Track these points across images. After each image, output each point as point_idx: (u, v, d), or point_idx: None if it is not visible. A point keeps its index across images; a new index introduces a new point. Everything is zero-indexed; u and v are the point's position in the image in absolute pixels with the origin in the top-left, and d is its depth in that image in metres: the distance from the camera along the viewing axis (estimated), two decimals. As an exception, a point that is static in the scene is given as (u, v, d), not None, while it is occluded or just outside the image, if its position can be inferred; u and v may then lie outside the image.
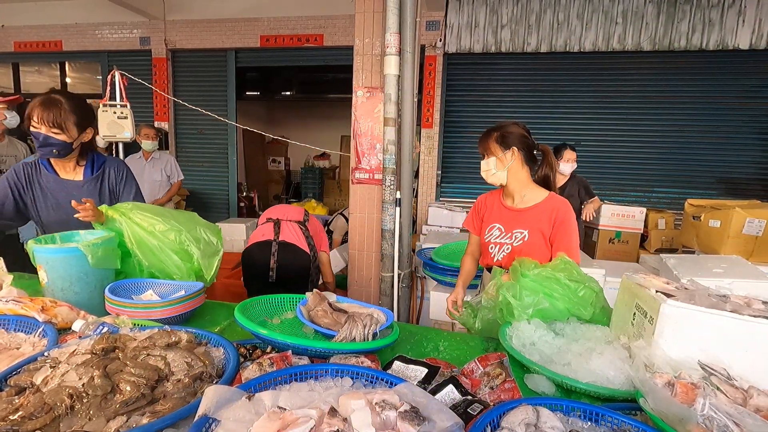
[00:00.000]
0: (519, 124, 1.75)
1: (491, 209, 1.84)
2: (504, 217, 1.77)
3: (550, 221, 1.67)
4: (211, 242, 1.68)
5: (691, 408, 0.77)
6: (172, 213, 1.68)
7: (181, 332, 1.05)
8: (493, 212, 1.82)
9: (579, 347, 1.14)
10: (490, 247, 1.78)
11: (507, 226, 1.74)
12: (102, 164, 1.87)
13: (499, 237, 1.76)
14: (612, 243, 4.11)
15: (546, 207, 1.70)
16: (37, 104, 1.65)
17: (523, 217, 1.72)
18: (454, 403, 0.91)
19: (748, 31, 4.48)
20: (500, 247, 1.75)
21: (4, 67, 6.87)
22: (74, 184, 1.80)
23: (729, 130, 4.73)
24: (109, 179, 1.88)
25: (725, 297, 1.05)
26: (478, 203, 1.91)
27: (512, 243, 1.72)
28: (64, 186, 1.79)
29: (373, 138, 2.88)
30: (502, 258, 1.74)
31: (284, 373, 0.89)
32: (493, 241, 1.77)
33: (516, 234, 1.71)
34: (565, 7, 4.83)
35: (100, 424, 0.76)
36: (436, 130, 5.29)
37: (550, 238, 1.68)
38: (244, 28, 5.72)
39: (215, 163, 6.31)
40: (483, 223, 1.85)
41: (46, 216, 1.79)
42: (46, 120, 1.64)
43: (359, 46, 2.84)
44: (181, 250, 1.59)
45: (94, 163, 1.86)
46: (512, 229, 1.72)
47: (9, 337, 1.15)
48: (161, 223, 1.58)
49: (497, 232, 1.77)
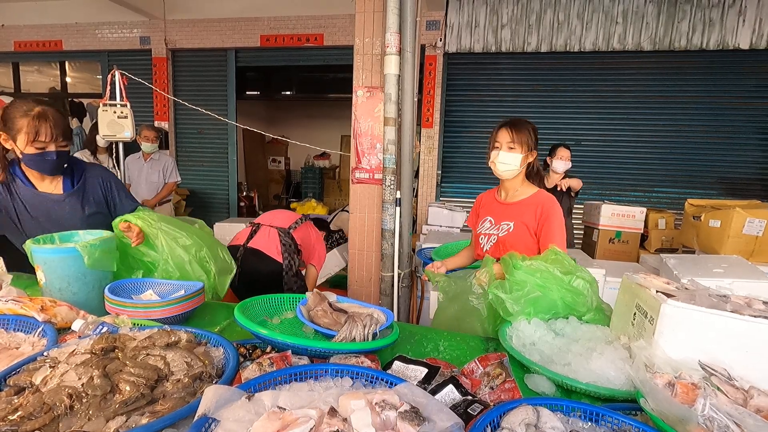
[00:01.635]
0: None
1: (486, 205, 1.93)
2: (495, 210, 1.86)
3: (535, 215, 1.74)
4: (225, 260, 1.74)
5: (692, 408, 0.77)
6: (193, 228, 1.73)
7: (180, 332, 1.05)
8: (487, 207, 1.91)
9: (579, 347, 1.14)
10: (480, 238, 1.87)
11: (497, 219, 1.83)
12: (83, 173, 1.73)
13: (489, 228, 1.84)
14: (612, 243, 4.10)
15: (531, 202, 1.78)
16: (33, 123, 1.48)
17: (511, 210, 1.80)
18: (454, 403, 0.91)
19: (749, 30, 4.48)
20: (488, 238, 1.83)
21: (4, 67, 6.88)
22: (54, 198, 1.66)
23: (729, 129, 4.73)
24: (94, 191, 1.74)
25: (726, 297, 1.04)
26: (477, 201, 2.00)
27: (498, 234, 1.80)
28: (42, 200, 1.65)
29: (373, 138, 2.88)
30: (490, 248, 1.82)
31: (284, 373, 0.89)
32: (484, 233, 1.86)
33: (503, 225, 1.79)
34: (566, 6, 4.83)
35: (100, 424, 0.75)
36: (436, 130, 5.29)
37: (535, 232, 1.74)
38: (245, 28, 5.72)
39: (215, 163, 6.31)
40: (478, 218, 1.94)
41: (30, 229, 1.66)
42: (58, 134, 1.54)
43: (359, 45, 2.84)
44: (201, 266, 1.65)
45: (74, 173, 1.71)
46: (500, 221, 1.81)
47: (8, 336, 1.14)
48: (186, 238, 1.65)
49: (488, 224, 1.86)
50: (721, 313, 0.94)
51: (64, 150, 1.59)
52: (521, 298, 1.31)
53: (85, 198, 1.72)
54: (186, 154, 6.34)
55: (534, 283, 1.32)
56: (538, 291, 1.31)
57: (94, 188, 1.75)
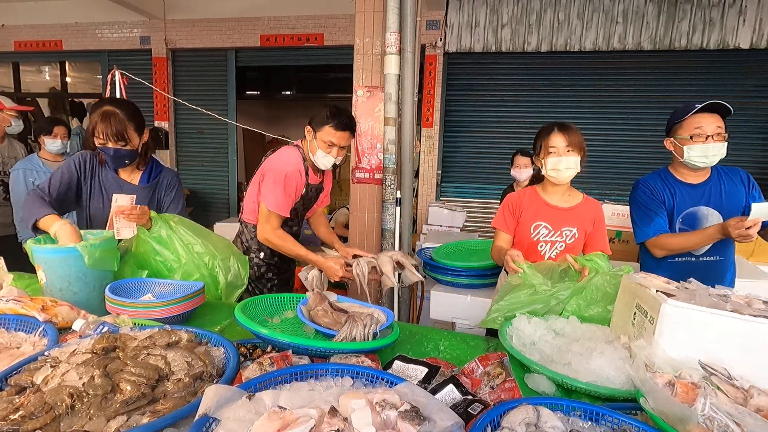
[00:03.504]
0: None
1: (530, 208, 1.85)
2: (550, 215, 1.82)
3: (591, 220, 1.80)
4: (239, 274, 1.75)
5: (692, 408, 0.77)
6: (212, 237, 1.75)
7: (181, 332, 1.05)
8: (536, 211, 1.84)
9: (579, 347, 1.14)
10: (539, 245, 1.82)
11: (555, 225, 1.81)
12: (159, 173, 1.93)
13: (548, 235, 1.82)
14: (612, 243, 4.09)
15: (586, 207, 1.83)
16: (98, 120, 1.68)
17: (570, 216, 1.81)
18: (455, 402, 0.91)
19: (749, 30, 4.48)
20: (552, 245, 1.82)
21: (4, 67, 6.87)
22: (131, 188, 1.84)
23: (729, 129, 4.71)
24: (161, 189, 1.93)
25: (726, 297, 1.04)
26: (512, 203, 1.90)
27: (564, 240, 1.80)
28: (120, 186, 1.83)
29: (373, 137, 2.88)
30: (555, 255, 1.80)
31: (284, 373, 0.89)
32: (543, 240, 1.82)
33: (565, 232, 1.80)
34: (566, 6, 4.83)
35: (101, 424, 0.75)
36: (436, 130, 5.29)
37: (587, 234, 1.81)
38: (245, 28, 5.72)
39: (215, 163, 6.31)
40: (521, 222, 1.86)
41: (94, 209, 1.83)
42: (110, 135, 1.68)
43: (359, 45, 2.84)
44: (210, 275, 1.66)
45: (152, 170, 1.92)
46: (560, 227, 1.80)
47: (9, 336, 1.14)
48: (200, 245, 1.67)
49: (545, 230, 1.82)
50: (721, 313, 0.94)
51: (122, 148, 1.72)
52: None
53: (154, 194, 1.92)
54: (186, 154, 6.34)
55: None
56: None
57: (161, 189, 1.94)
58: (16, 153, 3.13)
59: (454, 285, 2.53)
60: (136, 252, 1.67)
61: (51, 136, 2.98)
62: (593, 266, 1.48)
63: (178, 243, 1.65)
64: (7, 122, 2.96)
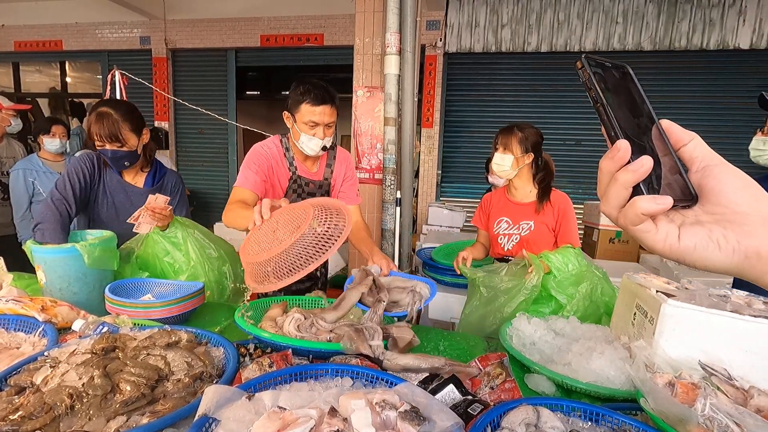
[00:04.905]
0: (538, 129, 1.91)
1: (497, 205, 2.02)
2: (510, 210, 1.96)
3: (553, 215, 1.88)
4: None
5: (692, 408, 0.77)
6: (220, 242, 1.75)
7: (181, 332, 1.05)
8: (500, 207, 2.00)
9: (579, 347, 1.14)
10: (499, 238, 1.97)
11: (514, 219, 1.94)
12: (163, 176, 1.94)
13: (507, 229, 1.95)
14: (612, 243, 4.11)
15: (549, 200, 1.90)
16: (92, 121, 1.67)
17: (528, 210, 1.92)
18: (455, 403, 0.91)
19: (749, 30, 4.48)
20: (509, 237, 1.94)
21: (4, 67, 6.87)
22: (135, 190, 1.84)
23: (729, 129, 4.73)
24: (166, 192, 1.91)
25: (726, 297, 1.04)
26: (484, 202, 2.10)
27: (520, 233, 1.92)
28: (124, 189, 1.83)
29: (373, 138, 2.88)
30: (512, 247, 1.93)
31: (284, 373, 0.89)
32: (502, 233, 1.96)
33: (522, 225, 1.92)
34: (566, 6, 4.83)
35: (100, 424, 0.75)
36: (436, 130, 5.29)
37: (554, 229, 1.89)
38: (245, 28, 5.72)
39: (215, 163, 6.31)
40: (489, 218, 2.03)
41: (98, 211, 1.82)
42: (104, 136, 1.66)
43: (359, 45, 2.84)
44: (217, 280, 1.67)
45: (157, 172, 1.92)
46: (519, 221, 1.92)
47: (9, 336, 1.14)
48: (213, 250, 1.68)
49: (505, 224, 1.96)
50: (721, 313, 0.94)
51: (119, 150, 1.70)
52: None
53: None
54: (186, 154, 6.34)
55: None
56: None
57: (166, 192, 1.92)
58: (15, 153, 3.13)
59: (454, 285, 2.53)
60: (144, 253, 1.66)
61: (49, 136, 2.98)
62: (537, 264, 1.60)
63: (191, 246, 1.66)
64: (7, 122, 2.96)
